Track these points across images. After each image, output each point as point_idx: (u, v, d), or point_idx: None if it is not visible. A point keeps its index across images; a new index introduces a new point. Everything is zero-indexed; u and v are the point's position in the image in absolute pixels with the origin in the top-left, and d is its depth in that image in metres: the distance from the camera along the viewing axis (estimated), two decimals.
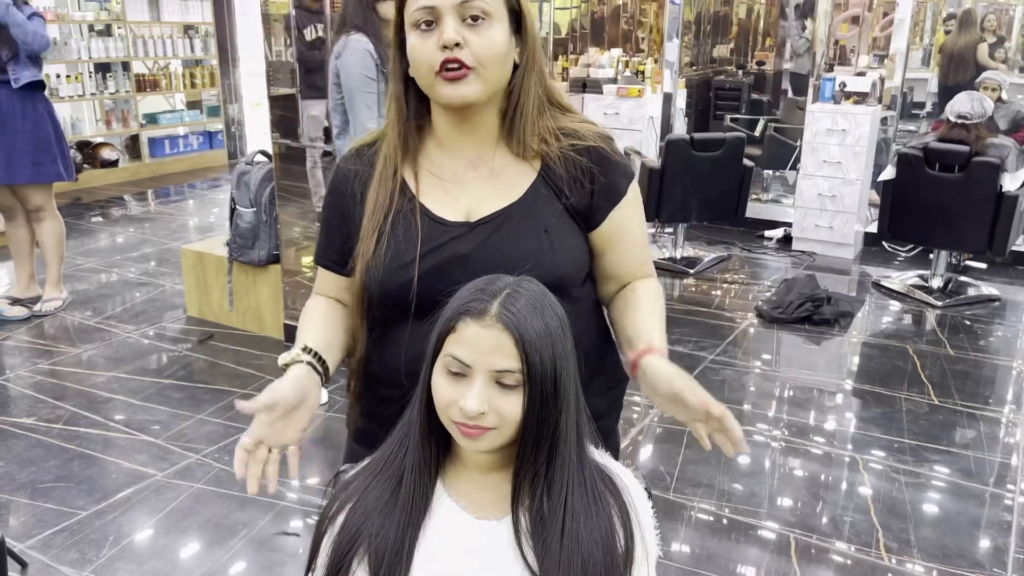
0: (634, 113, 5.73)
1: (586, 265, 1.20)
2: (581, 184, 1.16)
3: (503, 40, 1.09)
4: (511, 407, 0.94)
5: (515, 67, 1.14)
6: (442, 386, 0.95)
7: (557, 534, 0.95)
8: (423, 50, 1.08)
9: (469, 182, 1.16)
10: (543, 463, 0.96)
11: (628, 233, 1.22)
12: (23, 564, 2.23)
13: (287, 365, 1.14)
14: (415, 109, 1.16)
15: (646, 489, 1.09)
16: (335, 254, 1.24)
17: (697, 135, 4.84)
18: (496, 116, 1.16)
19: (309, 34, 3.45)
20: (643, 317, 1.20)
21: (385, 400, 1.18)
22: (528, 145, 1.15)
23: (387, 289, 1.14)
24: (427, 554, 0.98)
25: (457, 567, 0.98)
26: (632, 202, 1.21)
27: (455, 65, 1.06)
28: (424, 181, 1.17)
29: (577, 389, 0.99)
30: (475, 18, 1.07)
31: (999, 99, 5.02)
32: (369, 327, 1.21)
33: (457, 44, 1.06)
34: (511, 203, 1.15)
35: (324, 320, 1.24)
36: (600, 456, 1.06)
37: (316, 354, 1.17)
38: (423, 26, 1.07)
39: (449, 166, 1.17)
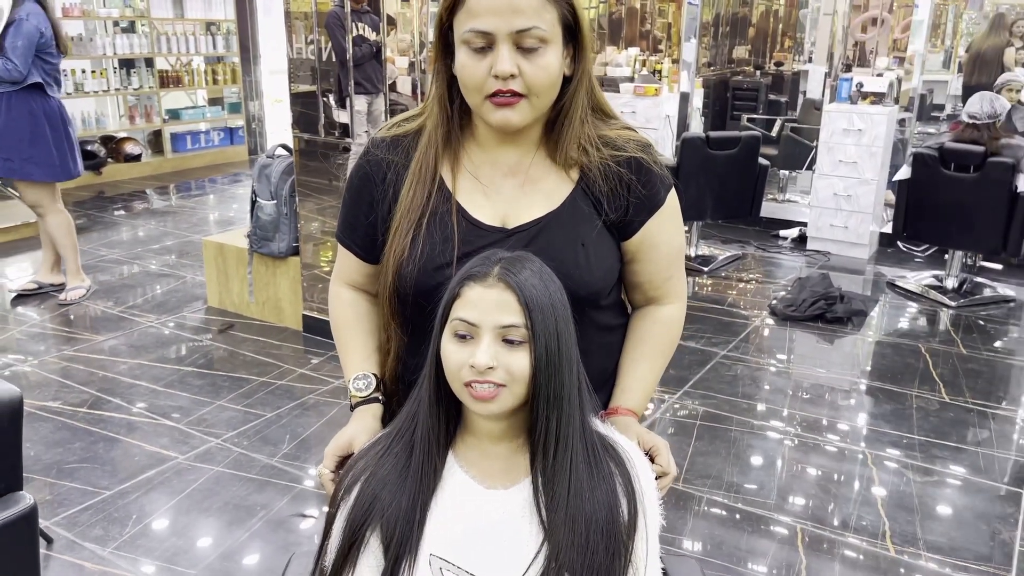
0: (650, 112, 5.76)
1: (616, 275, 1.21)
2: (621, 196, 1.15)
3: (557, 65, 1.08)
4: (519, 363, 0.98)
5: (565, 78, 1.12)
6: (451, 351, 1.00)
7: (564, 492, 0.99)
8: (474, 73, 1.06)
9: (506, 188, 1.16)
10: (555, 426, 1.00)
11: (660, 245, 1.20)
12: (49, 540, 2.30)
13: (362, 399, 1.21)
14: (458, 109, 1.15)
15: (648, 456, 1.13)
16: (360, 239, 1.24)
17: (713, 133, 4.86)
18: (539, 125, 1.15)
19: (353, 31, 3.52)
20: (635, 366, 1.24)
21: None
22: (568, 154, 1.13)
23: (422, 290, 1.13)
24: (438, 523, 1.03)
25: (467, 536, 1.02)
26: (669, 212, 1.20)
27: (507, 94, 1.05)
28: (462, 181, 1.16)
29: (577, 357, 1.03)
30: (530, 48, 1.04)
31: (1020, 101, 5.01)
32: (401, 324, 1.21)
33: (511, 75, 1.04)
34: (548, 212, 1.14)
35: (367, 333, 1.27)
36: (605, 428, 1.11)
37: (380, 383, 1.23)
38: (475, 47, 1.05)
39: (487, 169, 1.16)
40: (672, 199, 1.20)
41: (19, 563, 1.40)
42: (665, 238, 1.20)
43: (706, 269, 4.88)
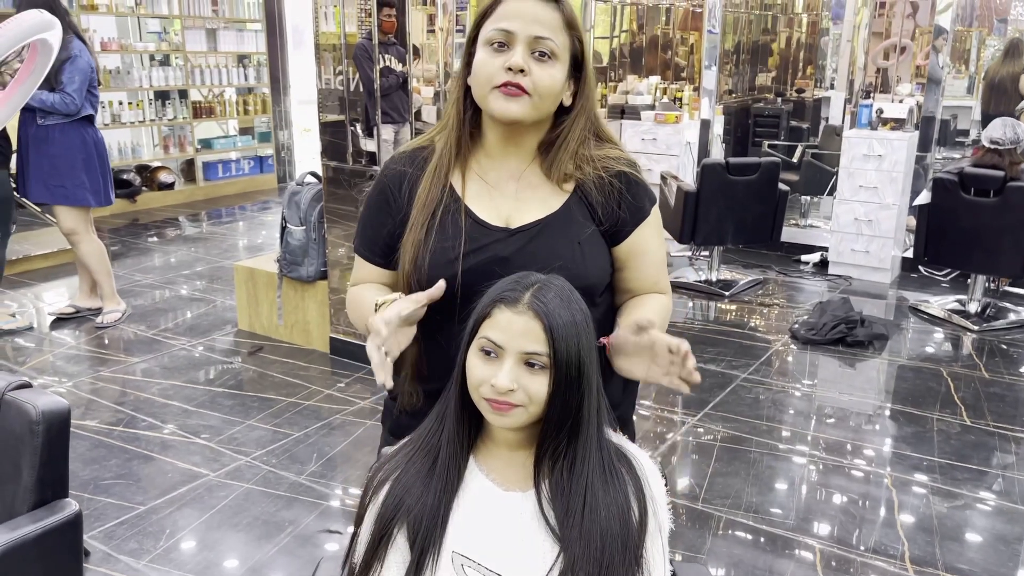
0: (671, 139, 5.84)
1: (609, 276, 1.32)
2: (611, 206, 1.28)
3: (561, 80, 1.23)
4: (537, 387, 1.05)
5: (564, 107, 1.27)
6: (476, 366, 1.07)
7: (579, 507, 1.05)
8: (489, 65, 1.20)
9: (510, 192, 1.28)
10: (564, 441, 1.07)
11: (647, 253, 1.33)
12: (86, 553, 2.39)
13: (384, 303, 1.23)
14: (471, 117, 1.28)
15: (658, 465, 1.19)
16: (380, 248, 1.34)
17: (732, 159, 4.93)
18: (536, 137, 1.28)
19: (380, 62, 3.65)
20: (640, 308, 1.32)
21: (426, 394, 1.29)
22: (562, 173, 1.27)
23: (433, 280, 1.23)
24: (460, 522, 1.09)
25: (487, 534, 1.09)
26: (652, 223, 1.34)
27: (514, 86, 1.19)
28: (470, 185, 1.29)
29: (599, 380, 1.10)
30: (542, 54, 1.20)
31: None
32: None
33: (522, 71, 1.19)
34: (548, 214, 1.26)
35: (384, 289, 1.34)
36: (617, 438, 1.17)
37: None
38: (496, 45, 1.20)
39: (493, 174, 1.29)
40: (656, 213, 1.34)
41: (64, 568, 1.48)
42: (651, 247, 1.33)
43: (727, 293, 4.92)
